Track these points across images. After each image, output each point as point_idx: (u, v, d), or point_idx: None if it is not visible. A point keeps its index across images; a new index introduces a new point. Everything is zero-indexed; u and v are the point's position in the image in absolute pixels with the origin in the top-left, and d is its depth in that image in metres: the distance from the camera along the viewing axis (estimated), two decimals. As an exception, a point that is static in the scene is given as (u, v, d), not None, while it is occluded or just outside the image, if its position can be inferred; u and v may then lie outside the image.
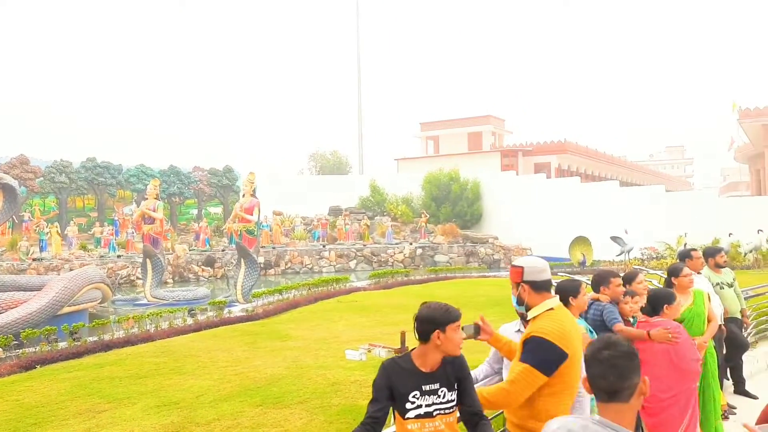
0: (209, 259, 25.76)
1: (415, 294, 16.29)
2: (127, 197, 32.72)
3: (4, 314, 11.44)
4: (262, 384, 7.58)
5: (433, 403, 2.67)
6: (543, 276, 2.94)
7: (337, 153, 61.56)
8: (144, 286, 18.11)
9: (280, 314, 13.65)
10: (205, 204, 35.63)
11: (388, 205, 34.51)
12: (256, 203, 16.34)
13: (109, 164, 32.39)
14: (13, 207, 15.07)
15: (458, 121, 48.54)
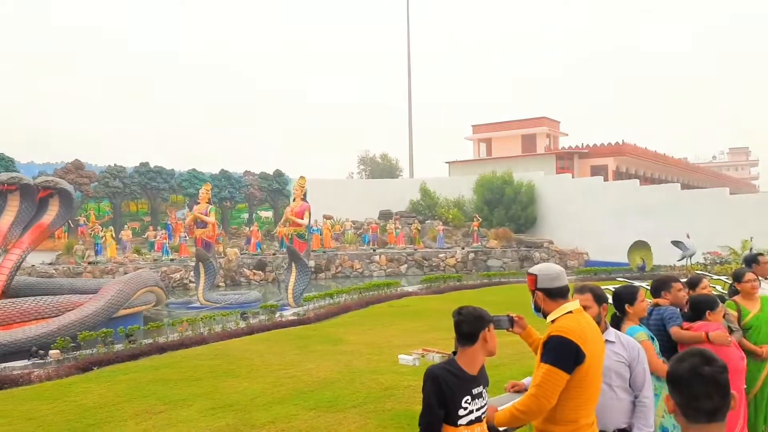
0: (260, 263, 26.00)
1: (468, 299, 15.95)
2: (180, 201, 33.51)
3: (62, 317, 11.68)
4: (315, 387, 7.43)
5: (481, 406, 2.68)
6: (556, 283, 2.94)
7: (387, 156, 61.45)
8: (197, 289, 18.34)
9: (331, 318, 13.57)
10: (255, 208, 36.14)
11: (439, 209, 34.11)
12: (306, 207, 16.30)
13: (162, 169, 33.25)
14: (69, 211, 15.50)
15: (511, 123, 47.67)
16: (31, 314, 11.83)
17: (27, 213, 14.60)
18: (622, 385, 3.17)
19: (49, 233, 16.61)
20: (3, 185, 14.25)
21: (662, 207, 27.54)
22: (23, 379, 8.39)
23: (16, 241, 14.31)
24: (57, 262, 24.32)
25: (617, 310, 3.88)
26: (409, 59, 43.31)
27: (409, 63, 43.26)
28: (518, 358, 8.32)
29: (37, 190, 14.70)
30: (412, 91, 42.98)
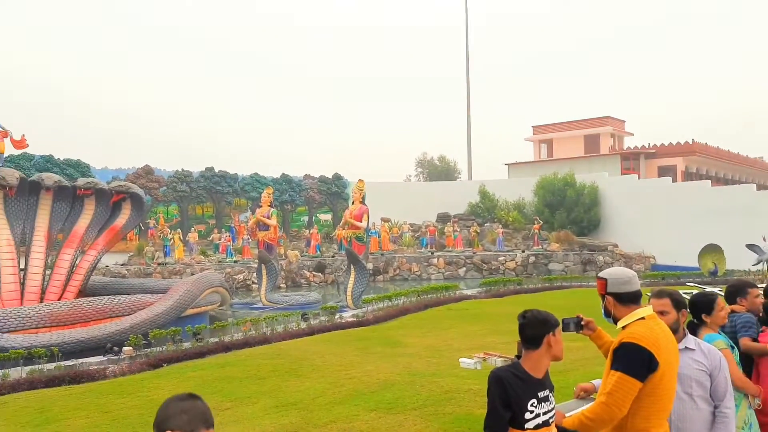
0: (320, 265, 26.40)
1: (528, 303, 15.57)
2: (243, 205, 34.49)
3: (134, 315, 12.19)
4: (375, 389, 7.48)
5: (548, 410, 2.65)
6: (627, 288, 2.86)
7: (445, 158, 61.11)
8: (259, 290, 18.79)
9: (389, 320, 13.60)
10: (315, 211, 36.75)
11: (498, 212, 33.65)
12: (365, 210, 16.42)
13: (226, 173, 34.33)
14: (140, 215, 16.22)
15: (574, 123, 46.49)
16: (106, 312, 12.42)
17: (102, 216, 15.41)
18: (703, 394, 3.05)
19: (122, 236, 17.46)
20: (80, 190, 15.11)
21: (736, 209, 26.12)
22: (99, 374, 8.82)
23: (92, 243, 15.13)
24: (129, 263, 25.50)
25: (694, 318, 3.72)
26: (468, 60, 42.88)
27: (468, 63, 42.82)
28: (582, 363, 8.09)
29: (111, 194, 15.49)
30: (470, 91, 42.51)
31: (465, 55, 42.77)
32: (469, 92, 42.51)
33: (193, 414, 1.87)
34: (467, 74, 42.62)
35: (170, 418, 1.85)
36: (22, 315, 11.47)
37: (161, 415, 1.89)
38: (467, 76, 42.61)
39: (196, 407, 1.90)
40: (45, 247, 14.38)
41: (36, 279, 14.00)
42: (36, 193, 14.54)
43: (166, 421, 1.85)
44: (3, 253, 13.63)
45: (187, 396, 1.95)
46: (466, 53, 42.72)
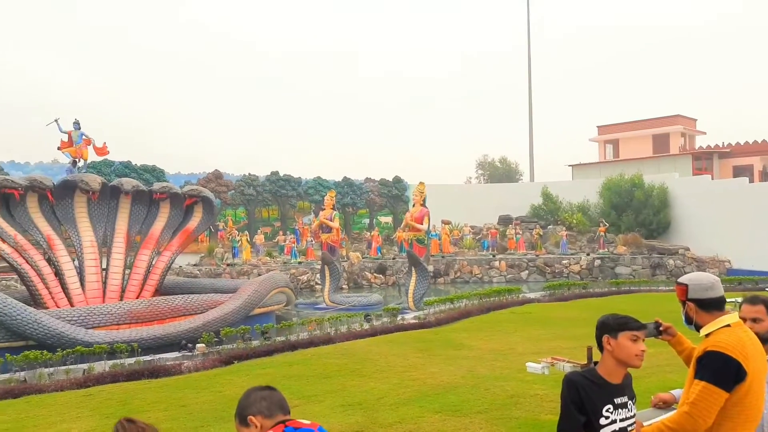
0: (381, 267, 26.62)
1: (594, 307, 15.23)
2: (306, 208, 35.17)
3: (206, 314, 12.72)
4: (439, 391, 7.52)
5: (627, 418, 2.57)
6: (710, 294, 2.78)
7: (506, 160, 60.14)
8: (322, 291, 19.15)
9: (451, 323, 13.58)
10: (376, 213, 37.01)
11: (562, 214, 32.85)
12: (425, 212, 16.45)
13: (290, 177, 35.17)
14: (211, 217, 16.90)
15: (641, 122, 44.77)
16: (180, 311, 13.01)
17: (176, 219, 16.18)
18: None
19: (194, 237, 18.26)
20: (156, 194, 15.92)
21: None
22: (175, 369, 9.29)
23: (166, 244, 15.91)
24: (200, 264, 26.53)
25: None
26: (530, 59, 42.09)
27: (530, 63, 42.04)
28: (654, 371, 7.85)
29: (184, 198, 16.24)
30: (533, 92, 41.70)
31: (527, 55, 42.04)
32: (531, 93, 41.73)
33: (271, 401, 2.05)
34: (529, 75, 41.87)
35: (251, 405, 2.03)
36: (105, 312, 12.19)
37: (243, 403, 2.07)
38: (529, 77, 41.85)
39: (274, 395, 2.08)
40: (124, 248, 15.24)
41: (116, 278, 14.86)
42: (116, 197, 15.44)
43: (247, 407, 2.03)
44: (87, 254, 14.55)
45: (265, 387, 2.13)
46: (528, 54, 41.99)
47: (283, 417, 2.05)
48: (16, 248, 13.43)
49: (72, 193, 14.73)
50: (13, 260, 13.30)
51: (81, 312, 12.01)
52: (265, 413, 2.02)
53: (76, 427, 6.45)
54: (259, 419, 2.01)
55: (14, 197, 13.92)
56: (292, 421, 2.03)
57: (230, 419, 6.49)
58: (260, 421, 2.01)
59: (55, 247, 14.13)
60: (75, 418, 6.83)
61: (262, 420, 2.01)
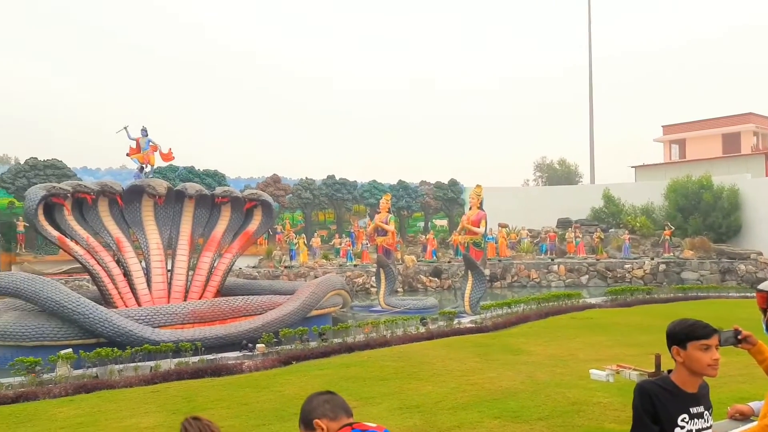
0: (436, 270, 26.49)
1: (658, 313, 14.66)
2: (362, 211, 35.41)
3: (265, 314, 12.99)
4: (498, 396, 7.40)
5: (702, 428, 2.47)
6: None
7: (566, 162, 58.68)
8: (378, 293, 19.21)
9: (509, 328, 13.36)
10: (431, 217, 36.85)
11: (624, 217, 31.78)
12: (482, 215, 16.26)
13: (346, 181, 35.51)
14: (270, 221, 17.27)
15: (710, 121, 42.79)
16: (241, 311, 13.35)
17: (236, 222, 16.63)
18: None
19: (254, 240, 18.71)
20: (218, 198, 16.42)
21: None
22: (236, 368, 9.52)
23: (227, 246, 16.37)
24: (259, 266, 27.16)
25: None
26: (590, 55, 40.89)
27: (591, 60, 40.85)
28: (726, 381, 7.44)
29: (244, 201, 16.67)
30: (593, 91, 40.51)
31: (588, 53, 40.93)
32: (592, 92, 40.55)
33: (334, 404, 2.07)
34: (590, 74, 40.70)
35: (315, 409, 2.05)
36: (170, 312, 12.65)
37: (306, 408, 2.09)
38: (590, 76, 40.69)
39: (336, 399, 2.10)
40: (188, 250, 15.78)
41: (180, 279, 15.40)
42: (180, 201, 16.02)
43: (312, 411, 2.05)
44: (153, 256, 15.15)
45: (325, 391, 2.16)
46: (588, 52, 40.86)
47: (348, 420, 2.07)
48: (89, 250, 14.12)
49: (140, 198, 15.38)
50: (86, 261, 14.00)
51: (148, 311, 12.50)
52: (330, 416, 2.03)
53: (145, 422, 6.70)
54: (324, 422, 2.02)
55: (87, 201, 14.66)
56: (358, 424, 2.04)
57: (290, 418, 6.61)
58: (326, 423, 2.02)
59: (124, 249, 14.79)
60: (143, 413, 7.10)
61: (327, 423, 2.02)
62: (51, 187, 13.97)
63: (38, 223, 13.63)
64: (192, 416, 2.15)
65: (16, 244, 26.47)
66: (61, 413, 7.22)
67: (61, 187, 14.18)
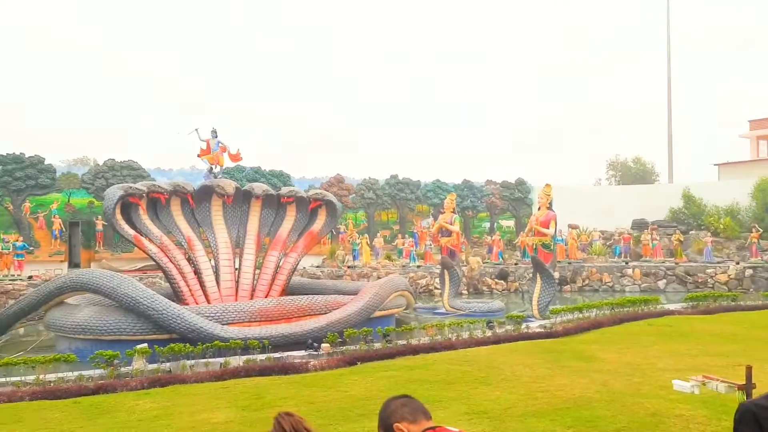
0: (502, 273, 25.91)
1: (746, 322, 13.72)
2: (425, 211, 35.19)
3: (329, 314, 13.03)
4: (571, 405, 7.04)
5: None
6: None
7: (641, 160, 55.98)
8: (442, 295, 18.94)
9: (580, 333, 12.83)
10: (497, 217, 36.16)
11: (706, 218, 30.03)
12: (552, 216, 15.71)
13: (409, 180, 35.41)
14: (334, 220, 17.38)
15: (803, 115, 39.77)
16: (306, 310, 13.45)
17: (301, 222, 16.84)
18: None
19: (318, 240, 18.90)
20: (284, 198, 16.68)
21: None
22: (302, 367, 9.56)
23: (292, 246, 16.59)
24: (322, 265, 27.50)
25: None
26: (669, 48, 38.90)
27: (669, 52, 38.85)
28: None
29: (309, 201, 16.86)
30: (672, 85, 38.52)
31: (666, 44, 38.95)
32: (670, 86, 38.55)
33: (412, 407, 2.04)
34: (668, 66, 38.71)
35: (394, 413, 2.02)
36: (238, 310, 12.91)
37: (384, 413, 2.06)
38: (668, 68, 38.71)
39: (413, 402, 2.07)
40: (255, 249, 16.11)
41: (248, 278, 15.73)
42: (248, 201, 16.37)
43: (390, 416, 2.02)
44: (222, 254, 15.54)
45: (401, 395, 2.12)
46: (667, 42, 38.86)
47: (428, 423, 2.00)
48: (162, 248, 14.65)
49: (209, 198, 15.82)
50: (159, 259, 14.52)
51: (218, 309, 12.81)
52: (409, 418, 1.98)
53: (216, 417, 6.80)
54: (404, 425, 1.97)
55: (161, 201, 15.22)
56: (440, 428, 1.98)
57: (357, 419, 6.50)
58: (406, 426, 1.97)
59: (195, 247, 15.25)
60: (214, 408, 7.21)
61: (407, 426, 1.97)
62: (128, 188, 14.58)
63: (116, 221, 14.25)
64: (285, 412, 2.15)
65: (96, 242, 27.97)
66: (138, 405, 7.45)
67: (137, 187, 14.78)
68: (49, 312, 13.62)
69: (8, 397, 7.91)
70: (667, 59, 38.77)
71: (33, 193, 27.31)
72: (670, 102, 38.61)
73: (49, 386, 8.49)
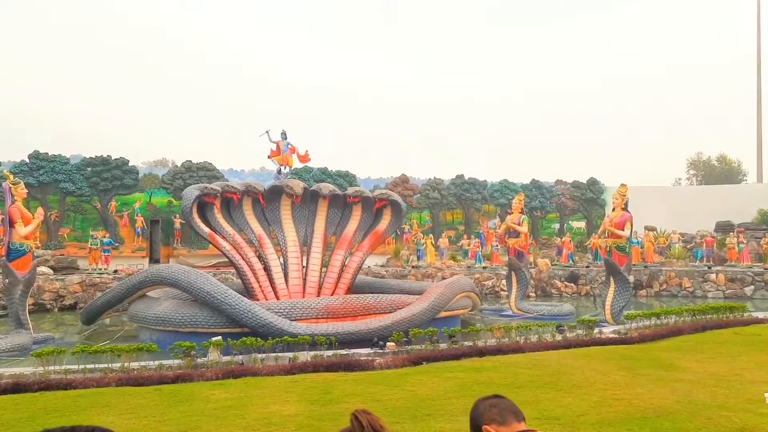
0: (572, 275, 25.12)
1: None
2: (491, 211, 34.69)
3: (394, 313, 13.05)
4: (649, 415, 6.70)
5: None
6: None
7: (726, 158, 52.84)
8: (508, 297, 18.59)
9: (658, 340, 12.25)
10: (567, 218, 35.15)
11: (801, 221, 28.03)
12: (627, 217, 15.08)
13: (475, 180, 34.99)
14: (399, 220, 17.40)
15: None
16: (371, 309, 13.54)
17: (367, 221, 16.97)
18: None
19: (383, 239, 18.99)
20: (350, 198, 16.86)
21: None
22: (368, 365, 9.60)
23: (358, 245, 16.74)
24: (386, 265, 27.62)
25: None
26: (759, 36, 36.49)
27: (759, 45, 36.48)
28: None
29: (374, 201, 16.96)
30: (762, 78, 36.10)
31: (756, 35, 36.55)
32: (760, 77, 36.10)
33: (501, 407, 1.99)
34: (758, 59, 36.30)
35: (482, 414, 1.98)
36: (306, 306, 13.15)
37: (473, 414, 2.02)
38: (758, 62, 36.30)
39: (503, 402, 2.02)
40: (322, 247, 16.38)
41: (314, 275, 16.01)
42: (315, 200, 16.66)
43: (479, 417, 1.98)
44: (290, 252, 15.90)
45: (492, 396, 2.07)
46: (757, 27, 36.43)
47: (520, 425, 1.95)
48: (234, 246, 15.15)
49: (279, 197, 16.22)
50: (232, 256, 15.02)
51: (286, 305, 13.10)
52: (498, 420, 1.93)
53: (286, 410, 6.93)
54: (493, 427, 1.92)
55: (233, 201, 15.75)
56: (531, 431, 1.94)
57: (423, 419, 6.46)
58: (495, 428, 1.92)
59: (265, 245, 15.67)
60: (284, 401, 7.36)
61: (496, 428, 1.92)
62: (203, 188, 15.18)
63: (193, 220, 14.86)
64: (362, 409, 2.14)
65: (174, 239, 29.32)
66: (213, 395, 7.71)
67: (212, 187, 15.35)
68: (133, 304, 14.40)
69: (97, 382, 8.40)
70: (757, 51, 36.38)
71: (118, 193, 28.98)
72: (759, 97, 36.24)
73: (132, 374, 8.95)
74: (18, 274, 12.99)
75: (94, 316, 15.38)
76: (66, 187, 28.13)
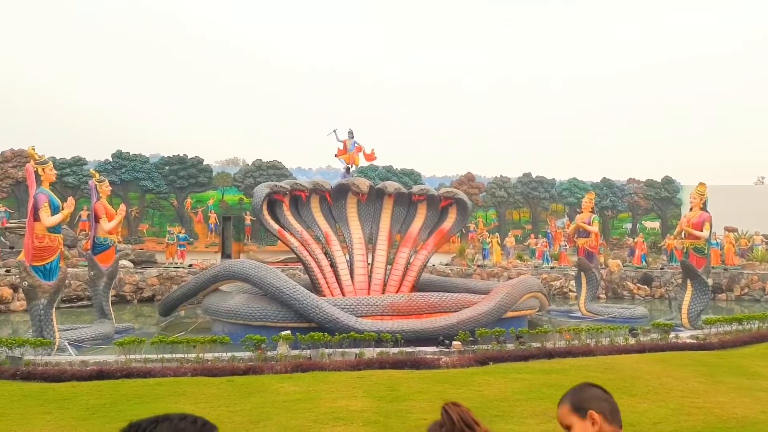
0: (646, 277, 24.12)
1: None
2: (560, 210, 33.81)
3: (460, 312, 12.92)
4: (732, 425, 6.39)
5: None
6: None
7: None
8: (578, 299, 18.08)
9: (740, 347, 11.58)
10: (640, 218, 33.76)
11: None
12: (706, 218, 14.32)
13: (543, 179, 34.20)
14: (464, 219, 17.24)
15: None
16: (436, 307, 13.48)
17: (432, 219, 16.92)
18: None
19: (448, 238, 18.88)
20: (415, 196, 16.86)
21: None
22: (434, 363, 9.60)
23: (423, 243, 16.73)
24: (451, 264, 27.46)
25: None
26: None
27: None
28: None
29: (440, 200, 16.88)
30: None
31: None
32: None
33: (613, 406, 1.92)
34: None
35: (593, 400, 1.91)
36: (371, 303, 13.28)
37: (581, 394, 1.94)
38: None
39: (614, 401, 1.94)
40: (387, 245, 16.47)
41: (380, 273, 16.13)
42: (380, 198, 16.77)
43: (589, 400, 1.91)
44: (356, 250, 16.08)
45: (600, 386, 1.98)
46: None
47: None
48: (302, 242, 15.50)
49: (345, 195, 16.44)
50: (300, 252, 15.37)
51: (352, 302, 13.28)
52: (608, 416, 1.88)
53: (354, 405, 7.04)
54: (600, 418, 1.86)
55: (302, 198, 16.10)
56: None
57: (492, 420, 6.40)
58: (601, 421, 1.86)
59: (331, 242, 15.94)
60: (351, 396, 7.48)
61: (602, 421, 1.86)
62: (273, 186, 15.61)
63: (263, 217, 15.31)
64: (452, 402, 2.14)
65: (245, 235, 30.34)
66: (282, 388, 7.94)
67: (282, 185, 15.77)
68: (206, 297, 15.03)
69: (174, 372, 8.83)
70: None
71: (193, 190, 30.30)
72: None
73: (206, 364, 9.34)
74: (102, 266, 13.82)
75: (170, 308, 16.16)
76: (145, 184, 29.67)
